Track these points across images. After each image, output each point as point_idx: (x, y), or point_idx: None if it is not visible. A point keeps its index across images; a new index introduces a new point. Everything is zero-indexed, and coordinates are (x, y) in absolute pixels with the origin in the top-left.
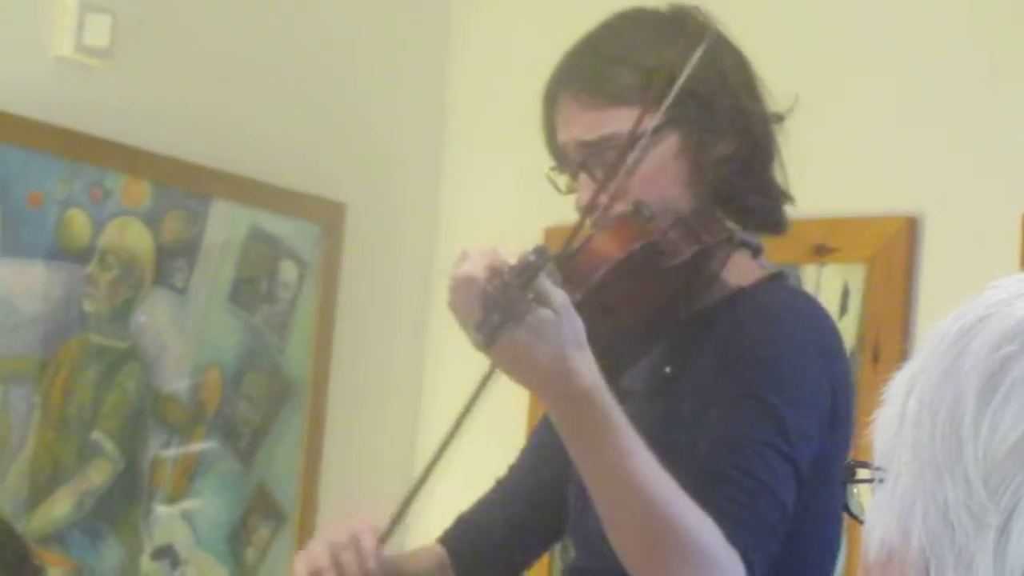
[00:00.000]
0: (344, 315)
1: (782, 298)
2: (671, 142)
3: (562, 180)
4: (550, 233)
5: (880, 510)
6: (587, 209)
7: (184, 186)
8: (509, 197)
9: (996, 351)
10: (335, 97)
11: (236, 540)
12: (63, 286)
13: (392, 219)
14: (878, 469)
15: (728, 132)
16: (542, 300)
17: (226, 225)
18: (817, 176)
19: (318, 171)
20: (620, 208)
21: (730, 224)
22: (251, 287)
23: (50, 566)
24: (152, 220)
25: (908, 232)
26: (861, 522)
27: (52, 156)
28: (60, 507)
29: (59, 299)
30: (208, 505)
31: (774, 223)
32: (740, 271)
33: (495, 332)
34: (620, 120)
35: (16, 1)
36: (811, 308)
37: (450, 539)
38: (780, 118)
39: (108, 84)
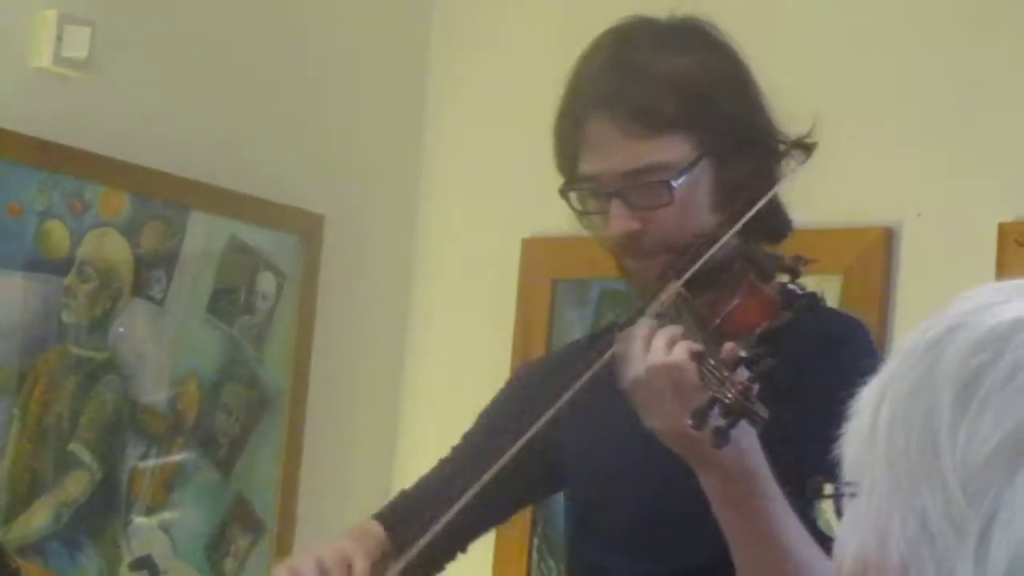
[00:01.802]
0: (322, 326)
1: (847, 321)
2: (707, 170)
3: (574, 198)
4: (528, 244)
5: (854, 523)
6: (623, 238)
7: (163, 197)
8: (488, 209)
9: (970, 360)
10: (313, 109)
11: (215, 550)
12: (41, 297)
13: (370, 230)
14: (848, 484)
15: (750, 152)
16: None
17: (204, 236)
18: (793, 187)
19: (296, 182)
20: (652, 238)
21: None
22: (229, 298)
23: None
24: (130, 231)
25: (885, 243)
26: (830, 538)
27: (31, 167)
28: (38, 518)
29: (37, 310)
30: (187, 516)
31: (784, 228)
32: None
33: (726, 431)
34: (663, 149)
35: None
36: (868, 332)
37: (387, 516)
38: (806, 146)
39: (87, 95)
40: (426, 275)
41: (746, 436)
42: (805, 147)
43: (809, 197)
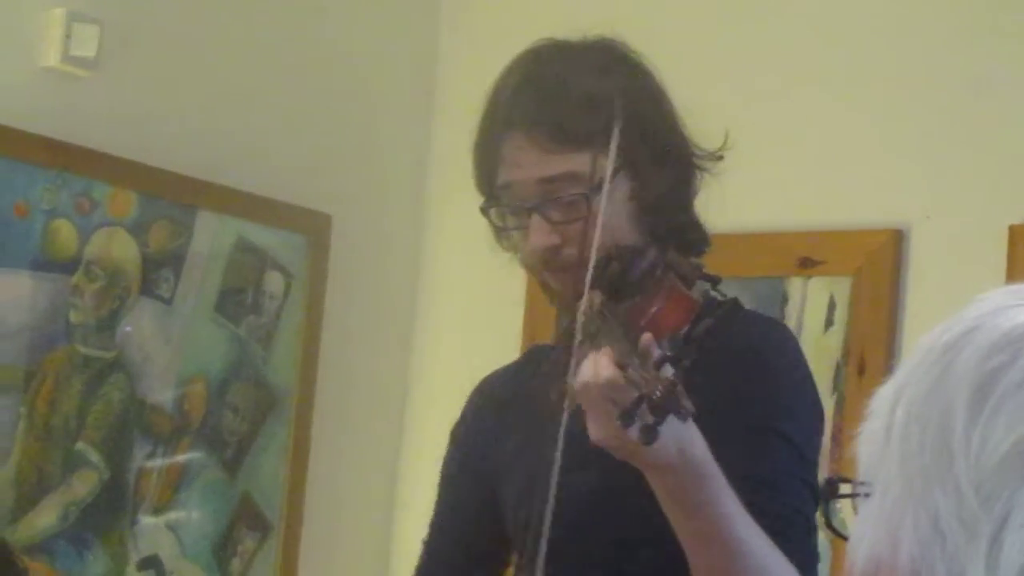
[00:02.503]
0: (329, 326)
1: (764, 328)
2: (623, 183)
3: (494, 215)
4: None
5: (867, 523)
6: (543, 252)
7: (170, 197)
8: None
9: (985, 362)
10: (321, 109)
11: (221, 550)
12: (49, 296)
13: (378, 230)
14: (863, 483)
15: (668, 168)
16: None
17: (212, 236)
18: (803, 189)
19: (304, 182)
20: (570, 251)
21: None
22: (237, 298)
23: None
24: (138, 230)
25: (894, 244)
26: (844, 538)
27: (38, 166)
28: (45, 517)
29: (45, 309)
30: (193, 515)
31: (702, 243)
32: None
33: (654, 427)
34: (578, 162)
35: (3, 11)
36: (791, 335)
37: None
38: (718, 157)
39: (95, 94)
40: (433, 275)
41: (679, 431)
42: (718, 160)
43: (819, 199)
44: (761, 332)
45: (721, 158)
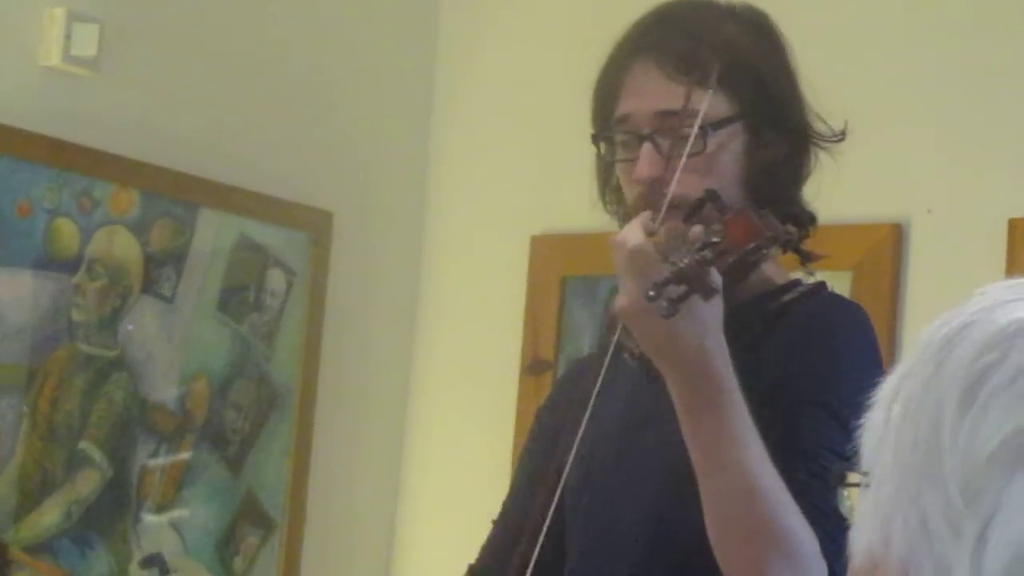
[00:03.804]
0: (332, 323)
1: (841, 306)
2: (740, 136)
3: (603, 148)
4: (536, 241)
5: (865, 516)
6: (650, 182)
7: (172, 195)
8: (496, 205)
9: (977, 359)
10: (322, 106)
11: (225, 548)
12: (51, 295)
13: (379, 227)
14: (865, 474)
15: (786, 137)
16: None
17: (214, 234)
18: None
19: (305, 180)
20: (678, 190)
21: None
22: (239, 296)
23: (39, 575)
24: (140, 229)
25: (894, 239)
26: (849, 526)
27: (40, 165)
28: (49, 516)
29: (47, 308)
30: (196, 513)
31: (805, 222)
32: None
33: (677, 302)
34: (700, 99)
35: (4, 11)
36: (866, 319)
37: None
38: (840, 137)
39: (96, 93)
40: (435, 272)
41: (702, 323)
42: (837, 141)
43: (819, 193)
44: (833, 308)
45: (841, 139)
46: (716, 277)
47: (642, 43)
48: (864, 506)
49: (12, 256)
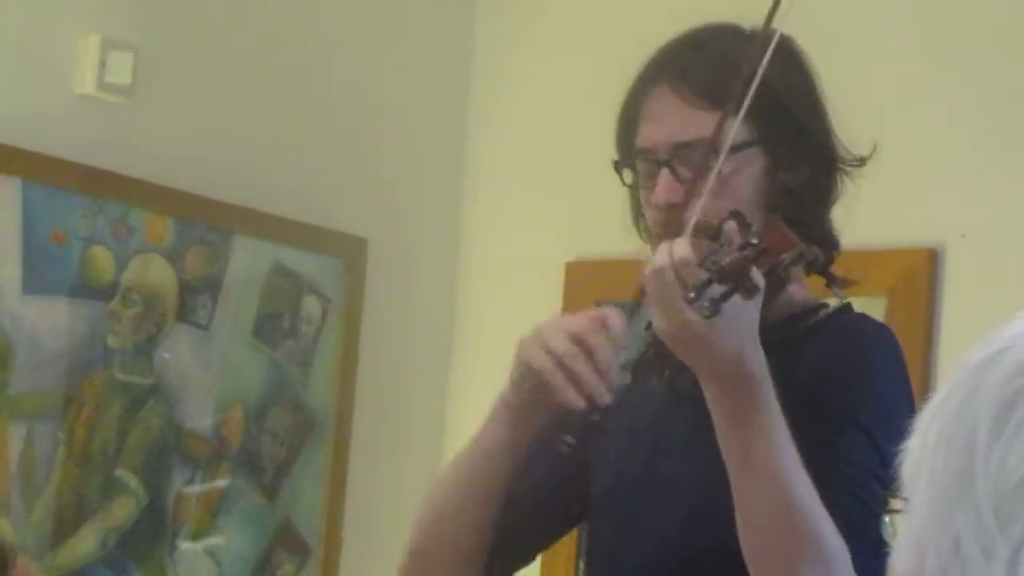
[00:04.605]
0: (367, 349)
1: (871, 326)
2: (759, 159)
3: (625, 174)
4: (571, 267)
5: (903, 541)
6: (666, 208)
7: (206, 222)
8: (530, 232)
9: (1010, 383)
10: (356, 133)
11: (260, 575)
12: (87, 323)
13: (414, 254)
14: (905, 500)
15: (808, 160)
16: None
17: (249, 261)
18: (836, 207)
19: (340, 207)
20: (691, 212)
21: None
22: (274, 322)
23: None
24: (175, 256)
25: (929, 264)
26: (889, 551)
27: (75, 193)
28: (85, 543)
29: (83, 336)
30: (232, 540)
31: (829, 246)
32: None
33: (720, 301)
34: (716, 125)
35: (39, 38)
36: (894, 338)
37: None
38: (861, 162)
39: (130, 121)
40: (470, 298)
41: (740, 313)
42: (859, 165)
43: (852, 218)
44: (863, 327)
45: (863, 164)
46: (758, 276)
47: (661, 69)
48: (903, 530)
49: (48, 284)
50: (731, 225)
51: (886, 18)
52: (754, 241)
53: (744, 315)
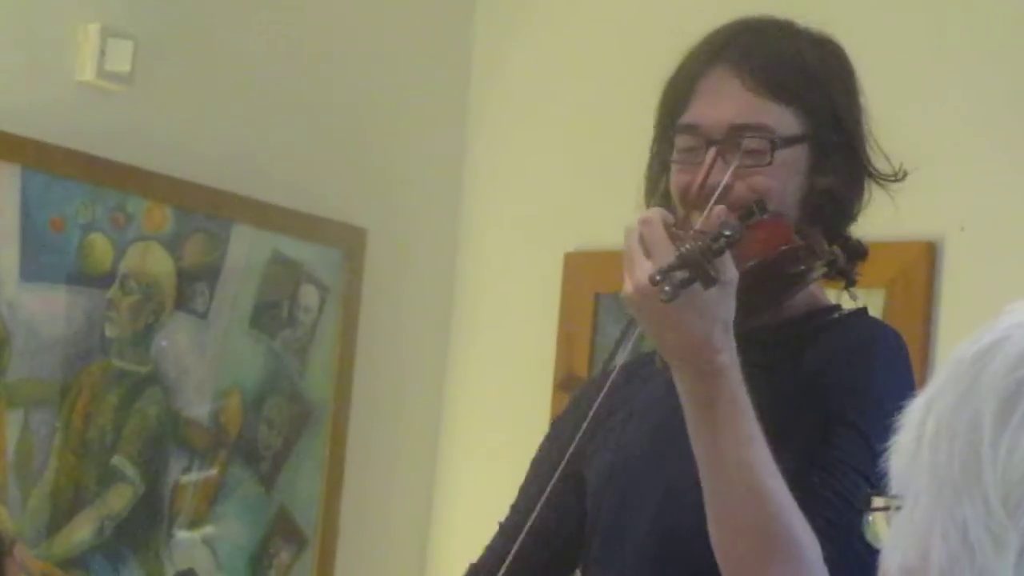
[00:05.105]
0: (365, 339)
1: (880, 330)
2: (804, 157)
3: (663, 151)
4: (570, 258)
5: (899, 535)
6: (701, 187)
7: (205, 211)
8: (529, 223)
9: (1013, 373)
10: (356, 122)
11: (257, 564)
12: (84, 310)
13: (413, 244)
14: (895, 496)
15: (847, 166)
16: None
17: (247, 250)
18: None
19: (339, 196)
20: (739, 199)
21: (835, 249)
22: (272, 311)
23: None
24: (173, 245)
25: (927, 257)
26: (876, 551)
27: (74, 181)
28: (81, 531)
29: (80, 323)
30: (229, 529)
31: (854, 252)
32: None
33: (679, 287)
34: (775, 115)
35: (39, 27)
36: (905, 345)
37: None
38: (900, 177)
39: (130, 109)
40: (468, 288)
41: (710, 304)
42: (896, 180)
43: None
44: (874, 331)
45: (900, 179)
46: (727, 269)
47: (721, 51)
48: (896, 525)
49: (46, 271)
50: (717, 210)
51: (884, 12)
52: (727, 233)
53: (712, 303)
